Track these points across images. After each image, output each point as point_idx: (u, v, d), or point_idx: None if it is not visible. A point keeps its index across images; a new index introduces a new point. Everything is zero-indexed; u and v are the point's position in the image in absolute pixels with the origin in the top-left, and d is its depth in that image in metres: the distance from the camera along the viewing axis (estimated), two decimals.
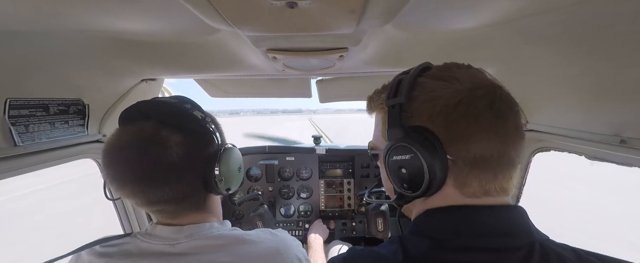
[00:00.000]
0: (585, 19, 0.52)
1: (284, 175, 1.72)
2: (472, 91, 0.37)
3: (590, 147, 0.66)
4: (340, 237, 1.71)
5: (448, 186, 0.40)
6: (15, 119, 0.65)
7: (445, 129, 0.38)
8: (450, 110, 0.37)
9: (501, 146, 0.37)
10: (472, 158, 0.37)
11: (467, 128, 0.36)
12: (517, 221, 0.39)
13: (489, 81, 0.39)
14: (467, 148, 0.37)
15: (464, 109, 0.36)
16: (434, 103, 0.38)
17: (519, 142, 0.38)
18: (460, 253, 0.38)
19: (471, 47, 0.79)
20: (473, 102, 0.36)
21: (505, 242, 0.37)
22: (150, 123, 0.51)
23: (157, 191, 0.50)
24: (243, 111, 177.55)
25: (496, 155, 0.37)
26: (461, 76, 0.39)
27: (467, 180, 0.39)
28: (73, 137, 0.83)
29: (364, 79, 1.39)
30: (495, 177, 0.38)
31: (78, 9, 0.49)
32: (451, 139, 0.37)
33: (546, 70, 0.71)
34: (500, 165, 0.38)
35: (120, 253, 0.53)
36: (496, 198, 0.40)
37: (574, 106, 0.69)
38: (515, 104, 0.40)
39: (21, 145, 0.67)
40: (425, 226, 0.43)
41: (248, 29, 0.56)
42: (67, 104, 0.79)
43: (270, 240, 0.58)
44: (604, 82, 0.58)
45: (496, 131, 0.36)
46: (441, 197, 0.42)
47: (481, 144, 0.36)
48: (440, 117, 0.38)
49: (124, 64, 0.87)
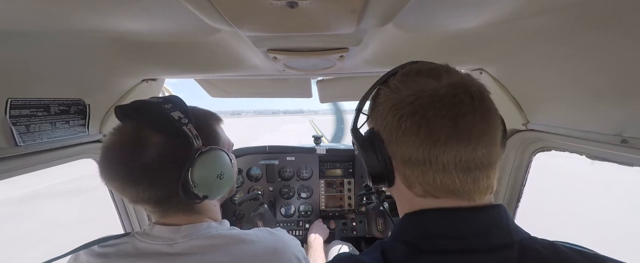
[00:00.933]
0: (586, 18, 0.52)
1: (284, 175, 1.72)
2: (404, 98, 0.40)
3: (592, 147, 0.66)
4: (340, 236, 1.71)
5: (400, 185, 0.45)
6: (17, 119, 0.65)
7: (384, 132, 0.43)
8: (384, 115, 0.42)
9: (424, 151, 0.38)
10: (403, 160, 0.41)
11: (394, 132, 0.41)
12: (493, 222, 0.39)
13: (431, 88, 0.39)
14: (397, 149, 0.41)
15: (392, 116, 0.41)
16: (378, 109, 0.44)
17: (454, 147, 0.37)
18: (435, 256, 0.38)
19: (472, 47, 0.78)
20: (399, 108, 0.40)
21: (481, 243, 0.38)
22: (132, 124, 0.52)
23: (134, 191, 0.51)
24: (245, 111, 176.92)
25: (421, 159, 0.39)
26: (405, 85, 0.42)
27: (409, 180, 0.42)
28: (74, 137, 0.84)
29: (364, 79, 1.39)
30: (425, 180, 0.40)
31: (79, 9, 0.49)
32: (388, 141, 0.42)
33: (546, 69, 0.71)
34: (429, 169, 0.39)
35: (118, 253, 0.53)
36: (443, 200, 0.40)
37: (575, 106, 0.69)
38: (463, 106, 0.37)
39: (22, 145, 0.67)
40: (402, 232, 0.45)
41: (248, 29, 0.56)
42: (68, 104, 0.79)
43: (268, 239, 0.58)
44: (605, 81, 0.58)
45: (417, 136, 0.38)
46: (404, 199, 0.46)
47: (405, 148, 0.40)
48: (380, 121, 0.43)
49: (125, 64, 0.87)
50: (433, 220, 0.41)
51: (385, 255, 0.41)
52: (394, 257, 0.40)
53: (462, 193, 0.39)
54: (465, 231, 0.39)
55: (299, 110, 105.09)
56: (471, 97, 0.38)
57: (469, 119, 0.37)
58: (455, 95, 0.38)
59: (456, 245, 0.38)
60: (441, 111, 0.37)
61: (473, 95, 0.38)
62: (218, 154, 0.57)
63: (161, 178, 0.51)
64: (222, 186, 0.57)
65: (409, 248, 0.40)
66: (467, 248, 0.37)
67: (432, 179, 0.39)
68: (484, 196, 0.40)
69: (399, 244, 0.42)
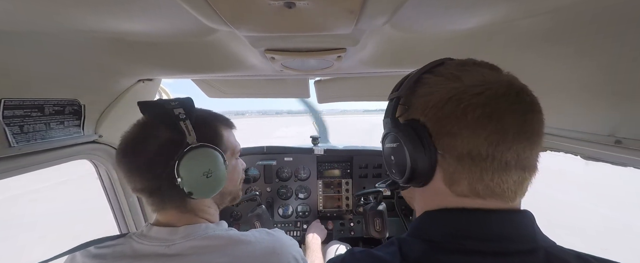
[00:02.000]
0: (580, 20, 0.53)
1: (282, 176, 1.72)
2: (468, 88, 0.37)
3: (586, 147, 0.67)
4: (338, 237, 1.71)
5: (438, 182, 0.41)
6: (10, 119, 0.64)
7: (435, 124, 0.39)
8: (440, 105, 0.38)
9: (490, 146, 0.36)
10: (459, 155, 0.37)
11: (454, 124, 0.37)
12: (519, 226, 0.39)
13: (495, 79, 0.38)
14: (453, 143, 0.38)
15: (453, 106, 0.37)
16: (428, 99, 0.40)
17: (519, 144, 0.36)
18: (455, 255, 0.37)
19: (468, 48, 0.79)
20: (465, 99, 0.37)
21: (504, 245, 0.37)
22: (144, 118, 0.59)
23: (133, 179, 0.55)
24: (248, 112, 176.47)
25: (484, 155, 0.36)
26: (466, 74, 0.39)
27: (454, 177, 0.39)
28: (69, 138, 0.83)
29: (362, 80, 1.39)
30: (481, 178, 0.37)
31: (74, 9, 0.49)
32: (440, 133, 0.39)
33: (541, 70, 0.72)
34: (490, 166, 0.37)
35: (114, 254, 0.53)
36: (487, 201, 0.39)
37: (570, 106, 0.70)
38: (526, 104, 0.38)
39: (16, 146, 0.66)
40: (422, 229, 0.43)
41: (246, 29, 0.56)
42: (62, 104, 0.78)
43: (266, 240, 0.58)
44: (600, 82, 0.59)
45: (485, 129, 0.36)
46: (435, 196, 0.43)
47: (467, 142, 0.37)
48: (432, 112, 0.39)
49: (121, 64, 0.86)
50: (465, 219, 0.39)
51: (402, 250, 0.40)
52: (413, 253, 0.39)
53: (507, 193, 0.38)
54: (495, 233, 0.37)
55: (305, 110, 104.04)
56: (531, 96, 0.39)
57: (531, 118, 0.37)
58: (518, 92, 0.37)
59: (482, 246, 0.37)
60: (513, 105, 0.36)
61: (531, 95, 0.39)
62: (208, 152, 0.56)
63: (154, 169, 0.54)
64: (209, 185, 0.56)
65: (428, 245, 0.39)
66: (491, 251, 0.37)
67: (490, 177, 0.37)
68: (519, 199, 0.40)
69: (418, 240, 0.41)
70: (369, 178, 1.69)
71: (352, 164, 1.69)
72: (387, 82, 1.41)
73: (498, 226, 0.38)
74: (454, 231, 0.39)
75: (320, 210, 1.73)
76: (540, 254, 0.36)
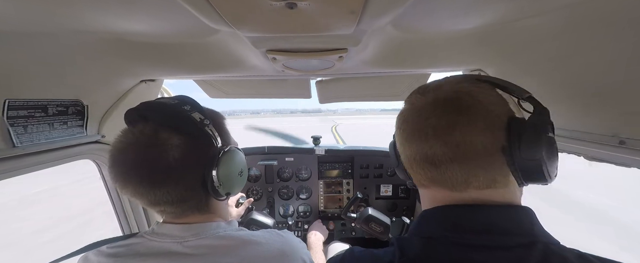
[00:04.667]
0: (584, 20, 0.52)
1: (283, 176, 1.72)
2: (412, 105, 0.47)
3: (589, 148, 0.66)
4: (339, 237, 1.71)
5: (418, 182, 0.50)
6: (14, 120, 0.65)
7: (398, 135, 0.50)
8: (398, 122, 0.50)
9: (428, 148, 0.43)
10: (416, 159, 0.46)
11: (401, 134, 0.48)
12: (516, 221, 0.40)
13: (429, 96, 0.45)
14: (404, 149, 0.48)
15: (401, 120, 0.49)
16: (398, 117, 0.51)
17: (446, 140, 0.41)
18: (452, 248, 0.40)
19: (470, 47, 0.79)
20: (404, 117, 0.48)
21: (499, 239, 0.38)
22: (150, 125, 0.51)
23: (156, 192, 0.50)
24: (264, 111, 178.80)
25: (432, 154, 0.43)
26: (417, 96, 0.48)
27: (416, 176, 0.48)
28: (72, 138, 0.83)
29: (363, 80, 1.39)
30: (441, 175, 0.43)
31: (77, 9, 0.49)
32: (400, 143, 0.49)
33: (544, 70, 0.71)
34: (442, 162, 0.42)
35: (129, 253, 0.53)
36: (475, 193, 0.42)
37: (573, 107, 0.69)
38: (456, 109, 0.42)
39: (20, 146, 0.67)
40: (420, 227, 0.47)
41: (248, 29, 0.56)
42: (66, 105, 0.79)
43: (276, 242, 0.58)
44: (603, 82, 0.58)
45: (419, 136, 0.44)
46: (424, 196, 0.51)
47: (411, 147, 0.46)
48: (396, 126, 0.51)
49: (123, 65, 0.87)
50: (454, 214, 0.44)
51: (402, 248, 0.43)
52: (411, 251, 0.42)
53: (462, 184, 0.43)
54: (487, 226, 0.40)
55: (317, 109, 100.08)
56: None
57: (449, 116, 0.43)
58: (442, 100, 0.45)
59: (473, 240, 0.40)
60: (437, 110, 0.44)
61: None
62: (237, 152, 0.60)
63: (185, 178, 0.52)
64: (241, 183, 0.62)
65: (425, 242, 0.43)
66: (484, 244, 0.39)
67: (437, 173, 0.45)
68: (487, 188, 0.42)
69: (416, 238, 0.44)
70: (370, 178, 1.69)
71: (353, 164, 1.69)
72: (389, 82, 1.41)
73: (491, 219, 0.41)
74: (450, 226, 0.43)
75: (322, 210, 1.73)
76: (539, 248, 0.37)
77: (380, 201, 1.70)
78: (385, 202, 1.70)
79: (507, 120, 0.40)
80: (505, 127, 0.40)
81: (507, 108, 0.43)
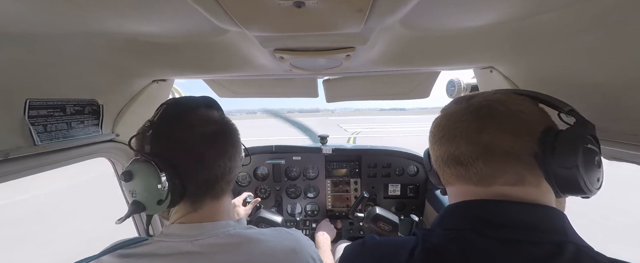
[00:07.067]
0: (599, 14, 0.50)
1: (290, 175, 1.73)
2: (445, 112, 0.53)
3: (608, 147, 0.64)
4: (347, 236, 1.71)
5: (445, 181, 0.53)
6: (35, 119, 0.68)
7: (430, 139, 0.56)
8: (431, 127, 0.55)
9: (455, 148, 0.47)
10: (444, 158, 0.50)
11: (433, 137, 0.53)
12: (546, 219, 0.40)
13: (462, 104, 0.50)
14: (434, 152, 0.53)
15: (434, 125, 0.54)
16: (432, 124, 0.56)
17: (473, 140, 0.44)
18: (475, 239, 0.40)
19: (481, 45, 0.77)
20: (437, 122, 0.53)
21: (528, 234, 0.38)
22: (217, 114, 0.65)
23: (208, 164, 0.58)
24: (260, 111, 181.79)
25: (459, 154, 0.46)
26: (451, 104, 0.53)
27: (444, 175, 0.52)
28: (88, 136, 0.86)
29: (371, 78, 1.38)
30: (466, 171, 0.46)
31: (93, 13, 0.51)
32: (431, 146, 0.55)
33: (558, 67, 0.69)
34: (468, 160, 0.45)
35: (142, 254, 0.54)
36: (501, 189, 0.43)
37: (589, 105, 0.67)
38: (487, 114, 0.45)
39: (40, 144, 0.69)
40: (443, 220, 0.48)
41: (256, 29, 0.57)
42: (82, 104, 0.82)
43: (285, 239, 0.59)
44: (621, 79, 0.56)
45: (448, 138, 0.48)
46: (451, 194, 0.53)
47: (441, 148, 0.50)
48: (430, 131, 0.56)
49: (137, 66, 0.89)
50: (478, 207, 0.45)
51: (423, 237, 0.44)
52: (431, 239, 0.43)
53: (487, 179, 0.45)
54: (513, 221, 0.41)
55: (330, 110, 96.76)
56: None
57: (474, 123, 0.47)
58: (464, 109, 0.50)
59: (496, 232, 0.40)
60: (459, 119, 0.49)
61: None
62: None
63: (209, 160, 0.58)
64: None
65: (447, 233, 0.43)
66: (509, 238, 0.40)
67: (464, 170, 0.49)
68: (508, 185, 0.44)
69: (439, 229, 0.45)
70: (378, 178, 1.67)
71: (360, 163, 1.68)
72: (397, 80, 1.40)
73: (519, 214, 0.41)
74: (473, 219, 0.43)
75: (329, 209, 1.73)
76: (570, 249, 0.36)
77: (388, 201, 1.69)
78: (394, 202, 1.69)
79: (543, 129, 0.41)
80: (540, 135, 0.41)
81: (545, 118, 0.44)
